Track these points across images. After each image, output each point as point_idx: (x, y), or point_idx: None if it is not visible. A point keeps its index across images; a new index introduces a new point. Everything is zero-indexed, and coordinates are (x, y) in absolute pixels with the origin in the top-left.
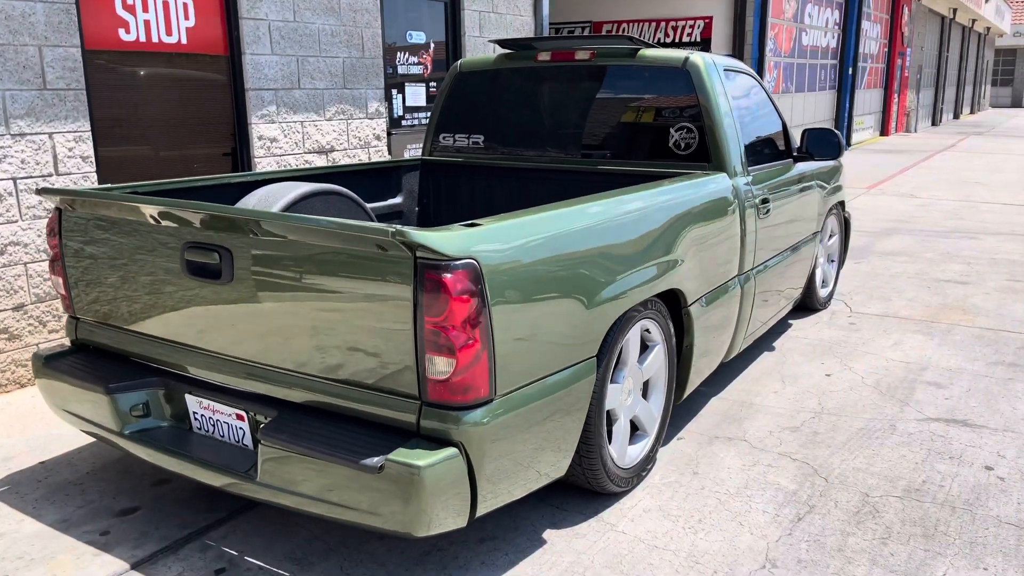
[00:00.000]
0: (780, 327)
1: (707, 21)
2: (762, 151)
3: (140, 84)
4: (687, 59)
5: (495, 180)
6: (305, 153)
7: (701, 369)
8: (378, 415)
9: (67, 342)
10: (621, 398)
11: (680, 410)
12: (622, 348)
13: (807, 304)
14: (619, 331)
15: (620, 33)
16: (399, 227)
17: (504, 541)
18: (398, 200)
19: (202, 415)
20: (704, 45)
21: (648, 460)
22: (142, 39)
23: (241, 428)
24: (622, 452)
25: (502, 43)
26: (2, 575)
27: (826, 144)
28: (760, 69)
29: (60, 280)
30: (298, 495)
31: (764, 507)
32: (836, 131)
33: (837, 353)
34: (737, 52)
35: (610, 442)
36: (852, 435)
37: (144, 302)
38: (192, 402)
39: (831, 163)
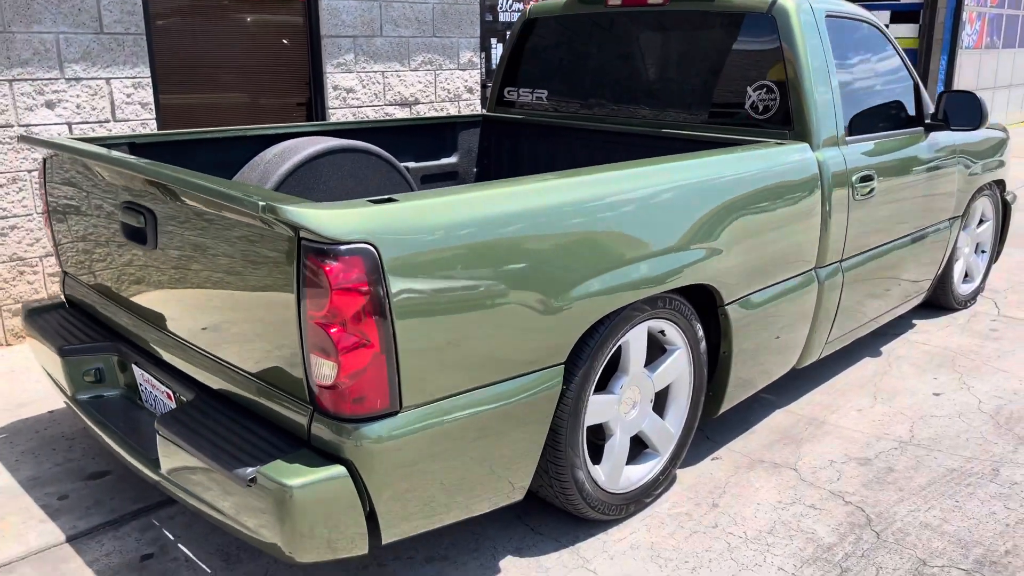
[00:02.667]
0: (897, 327)
1: None
2: (879, 117)
3: (207, 30)
4: (775, 2)
5: (557, 140)
6: (386, 105)
7: (748, 379)
8: (276, 415)
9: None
10: (617, 411)
11: (731, 422)
12: (621, 352)
13: (940, 302)
14: (607, 334)
15: None
16: (272, 201)
17: (454, 564)
18: (452, 160)
19: (145, 388)
20: None
21: (655, 484)
22: None
23: (171, 408)
24: (615, 474)
25: None
26: None
27: (965, 110)
28: (956, 20)
29: (48, 232)
30: (193, 497)
31: (782, 562)
32: (978, 96)
33: (959, 366)
34: None
35: (599, 461)
36: (937, 477)
37: (102, 262)
38: (137, 373)
39: (990, 134)
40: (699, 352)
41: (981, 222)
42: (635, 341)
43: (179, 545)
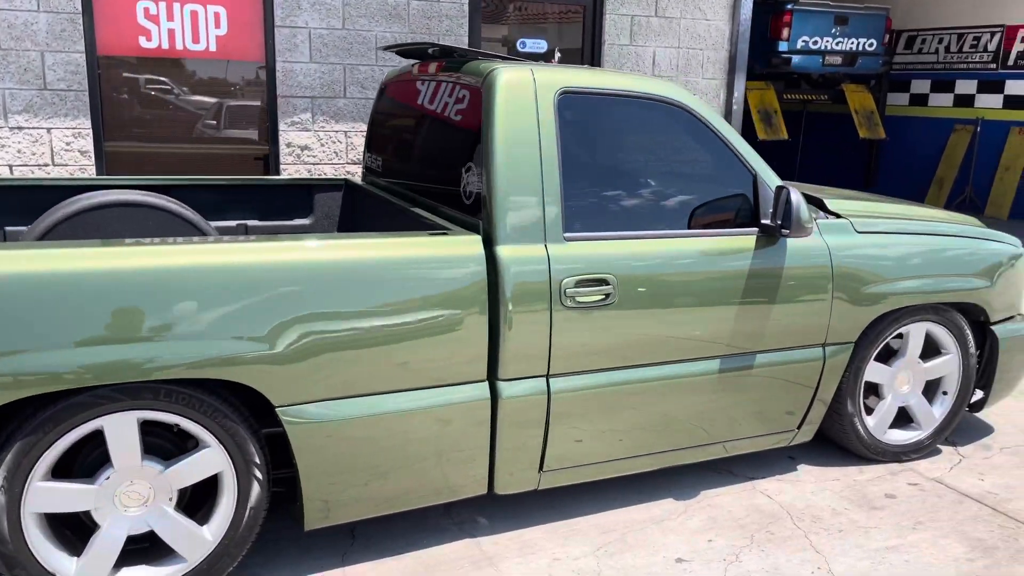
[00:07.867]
0: (771, 467)
1: None
2: (653, 213)
3: (161, 88)
4: (488, 74)
5: (367, 205)
6: (348, 164)
7: (351, 497)
8: None
9: None
10: (109, 503)
11: (386, 542)
12: (105, 442)
13: (847, 446)
14: (50, 418)
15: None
16: None
17: None
18: (307, 221)
19: None
20: None
21: None
22: (164, 46)
23: None
24: (96, 568)
25: (388, 47)
26: None
27: (783, 213)
28: None
29: None
30: None
31: None
32: (791, 190)
33: (767, 532)
34: None
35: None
36: None
37: None
38: None
39: (948, 241)
40: (242, 457)
41: (944, 354)
42: (113, 429)
43: None
